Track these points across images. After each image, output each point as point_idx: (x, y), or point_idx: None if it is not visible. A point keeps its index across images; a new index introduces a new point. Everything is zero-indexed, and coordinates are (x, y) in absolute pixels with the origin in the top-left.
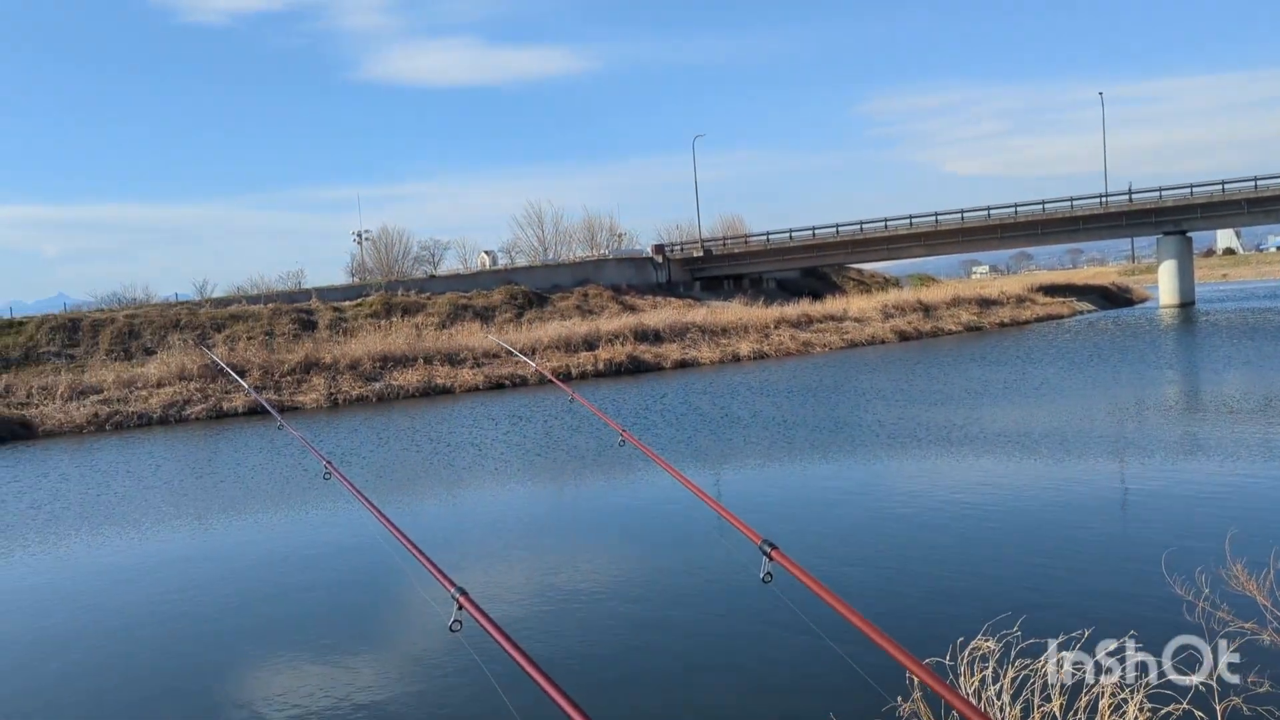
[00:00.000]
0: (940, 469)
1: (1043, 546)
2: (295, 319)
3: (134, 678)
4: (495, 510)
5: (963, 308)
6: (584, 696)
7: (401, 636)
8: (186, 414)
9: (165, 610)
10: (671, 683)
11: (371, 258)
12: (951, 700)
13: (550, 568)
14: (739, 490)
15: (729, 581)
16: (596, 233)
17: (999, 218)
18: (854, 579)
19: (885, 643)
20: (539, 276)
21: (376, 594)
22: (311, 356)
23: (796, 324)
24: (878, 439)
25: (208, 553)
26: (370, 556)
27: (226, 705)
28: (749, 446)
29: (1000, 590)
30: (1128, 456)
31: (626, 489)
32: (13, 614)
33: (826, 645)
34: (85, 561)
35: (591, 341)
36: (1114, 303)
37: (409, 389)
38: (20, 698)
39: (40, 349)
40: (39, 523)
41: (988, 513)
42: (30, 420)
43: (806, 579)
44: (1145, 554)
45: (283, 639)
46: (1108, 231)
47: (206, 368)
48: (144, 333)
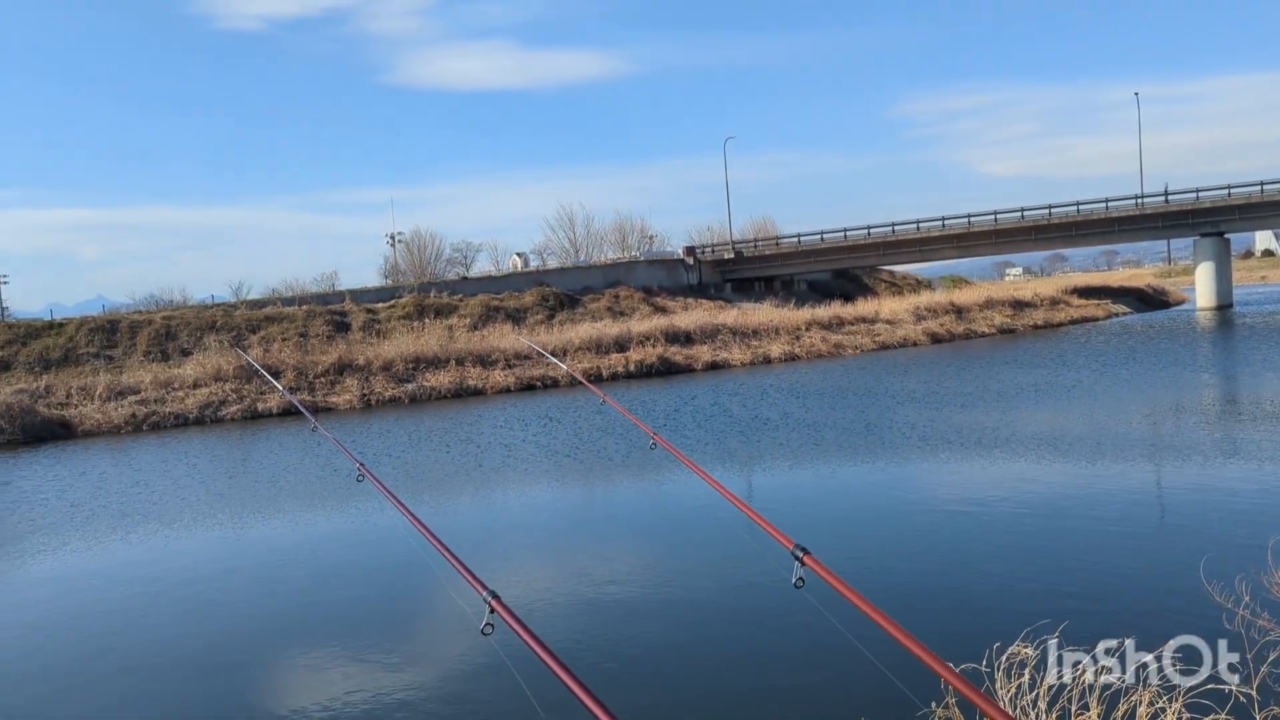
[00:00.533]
0: (974, 472)
1: (1079, 552)
2: (329, 320)
3: (165, 676)
4: (526, 513)
5: (996, 310)
6: (615, 701)
7: (433, 638)
8: (222, 415)
9: (198, 609)
10: (703, 687)
11: (404, 260)
12: (988, 710)
13: (581, 571)
14: (769, 494)
15: (760, 586)
16: (628, 234)
17: (1033, 219)
18: (885, 584)
19: (920, 650)
20: (570, 278)
21: (408, 596)
22: (345, 358)
23: (828, 326)
24: (909, 442)
25: (241, 553)
26: (402, 558)
27: (258, 705)
28: (779, 449)
29: (1036, 596)
30: (1164, 460)
31: (658, 492)
32: (50, 609)
33: (859, 651)
34: (122, 558)
35: (622, 343)
36: (1150, 305)
37: (441, 390)
38: (58, 694)
39: (80, 350)
40: (79, 520)
41: (1023, 517)
42: (70, 420)
43: (840, 585)
44: (1184, 560)
45: (314, 640)
46: (1144, 233)
47: (241, 369)
48: (180, 334)
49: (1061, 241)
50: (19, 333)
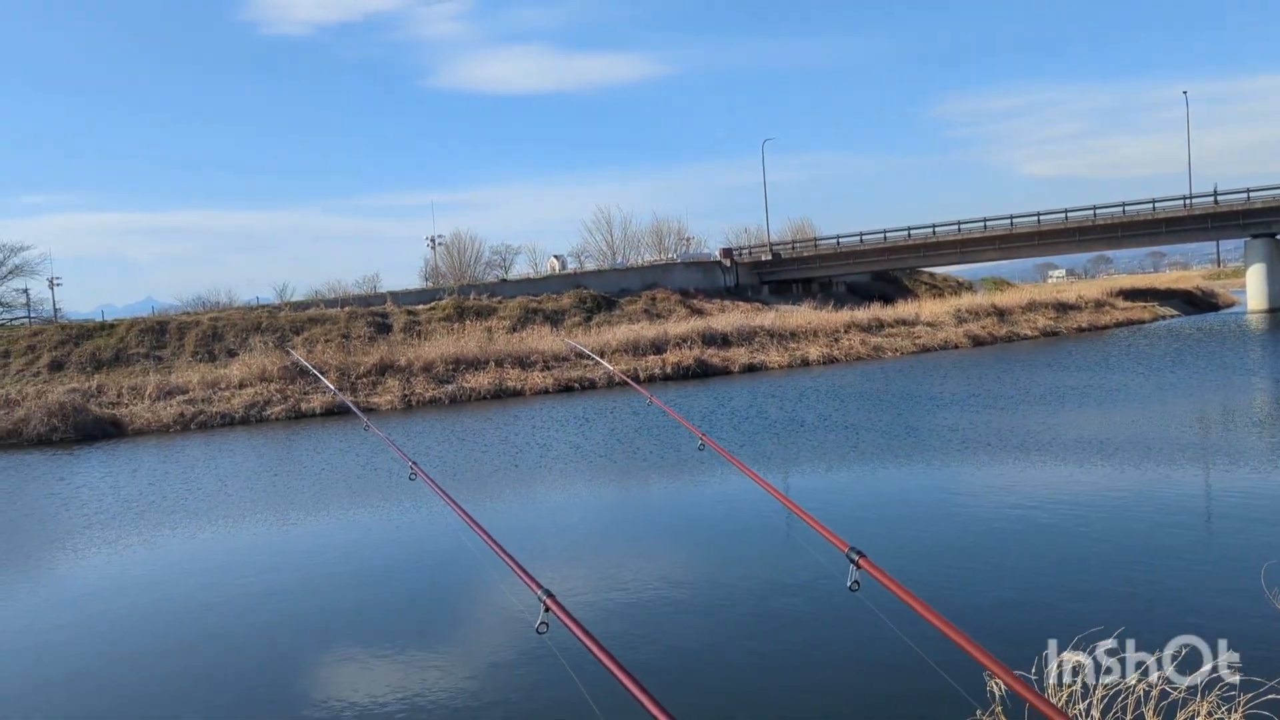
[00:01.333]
0: (1021, 476)
1: (1134, 557)
2: (371, 322)
3: (219, 670)
4: (575, 512)
5: (1039, 312)
6: (670, 701)
7: (487, 637)
8: (267, 414)
9: (252, 606)
10: (758, 688)
11: (444, 262)
12: (1049, 713)
13: (633, 571)
14: (816, 496)
15: (813, 587)
16: (664, 237)
17: (1077, 220)
18: (936, 588)
19: (979, 653)
20: (607, 280)
21: (461, 594)
22: (386, 359)
23: (867, 328)
24: (955, 445)
25: (293, 550)
26: (455, 557)
27: (310, 701)
28: (821, 452)
29: (1090, 601)
30: (1217, 465)
31: (707, 493)
32: (109, 603)
33: (915, 654)
34: (176, 554)
35: (659, 345)
36: (1198, 308)
37: (480, 391)
38: (114, 687)
39: (130, 350)
40: (133, 517)
41: (1073, 522)
42: (120, 419)
43: (897, 588)
44: (1241, 566)
45: (368, 637)
46: (1192, 234)
47: (285, 369)
48: (227, 335)
49: (1106, 243)
50: (72, 334)
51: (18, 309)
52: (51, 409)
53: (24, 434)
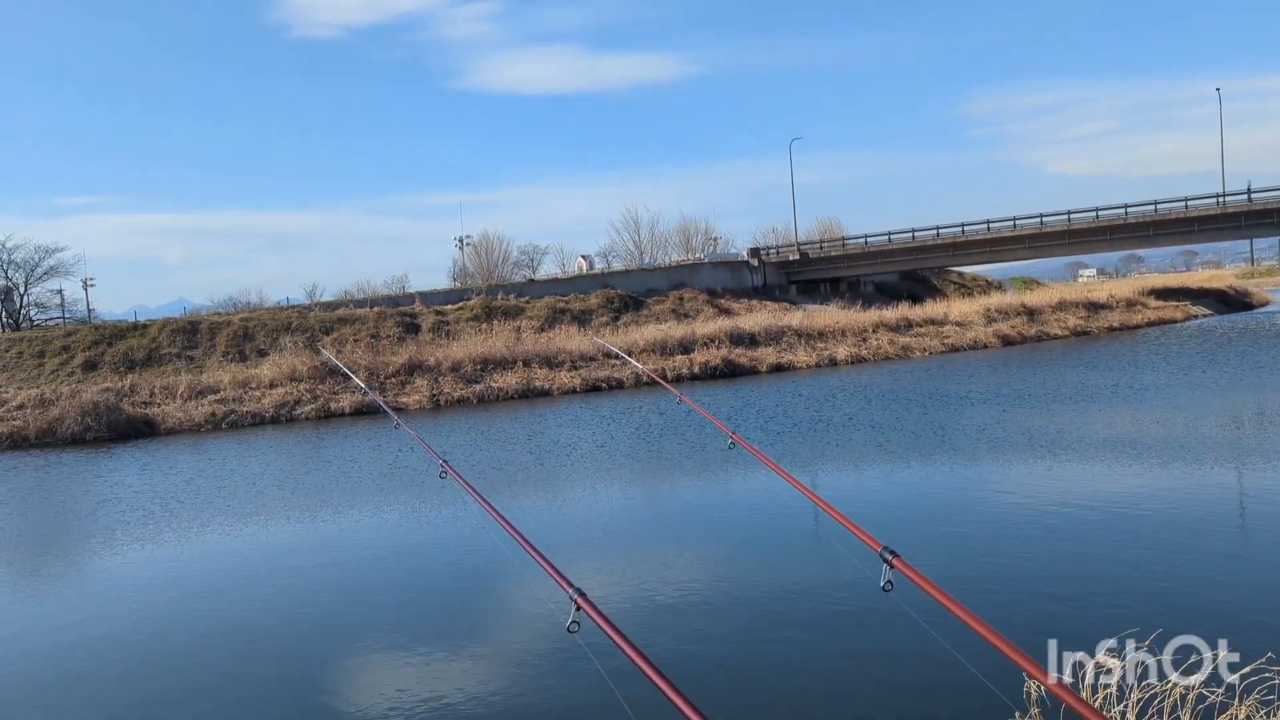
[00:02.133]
0: (1053, 476)
1: (1170, 558)
2: (399, 322)
3: (249, 666)
4: (604, 511)
5: (1069, 312)
6: (701, 700)
7: (518, 635)
8: (297, 414)
9: (282, 603)
10: (790, 688)
11: (472, 262)
12: (1090, 716)
13: (663, 570)
14: (846, 496)
15: (845, 586)
16: (692, 237)
17: (1108, 219)
18: (971, 588)
19: (1015, 654)
20: (635, 280)
21: (492, 592)
22: (415, 359)
23: (895, 328)
24: (985, 445)
25: (324, 548)
26: (485, 554)
27: (341, 698)
28: (851, 451)
29: (1125, 603)
30: (1252, 467)
31: (737, 492)
32: (148, 598)
33: (949, 653)
34: (211, 551)
35: (687, 345)
36: (1231, 307)
37: (508, 391)
38: (146, 681)
39: (162, 350)
40: (170, 514)
41: (1106, 522)
42: (153, 419)
43: (931, 588)
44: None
45: (399, 635)
46: (1225, 232)
47: (315, 369)
48: (257, 335)
49: (1138, 242)
50: (105, 334)
51: (52, 310)
52: (85, 408)
53: (59, 433)
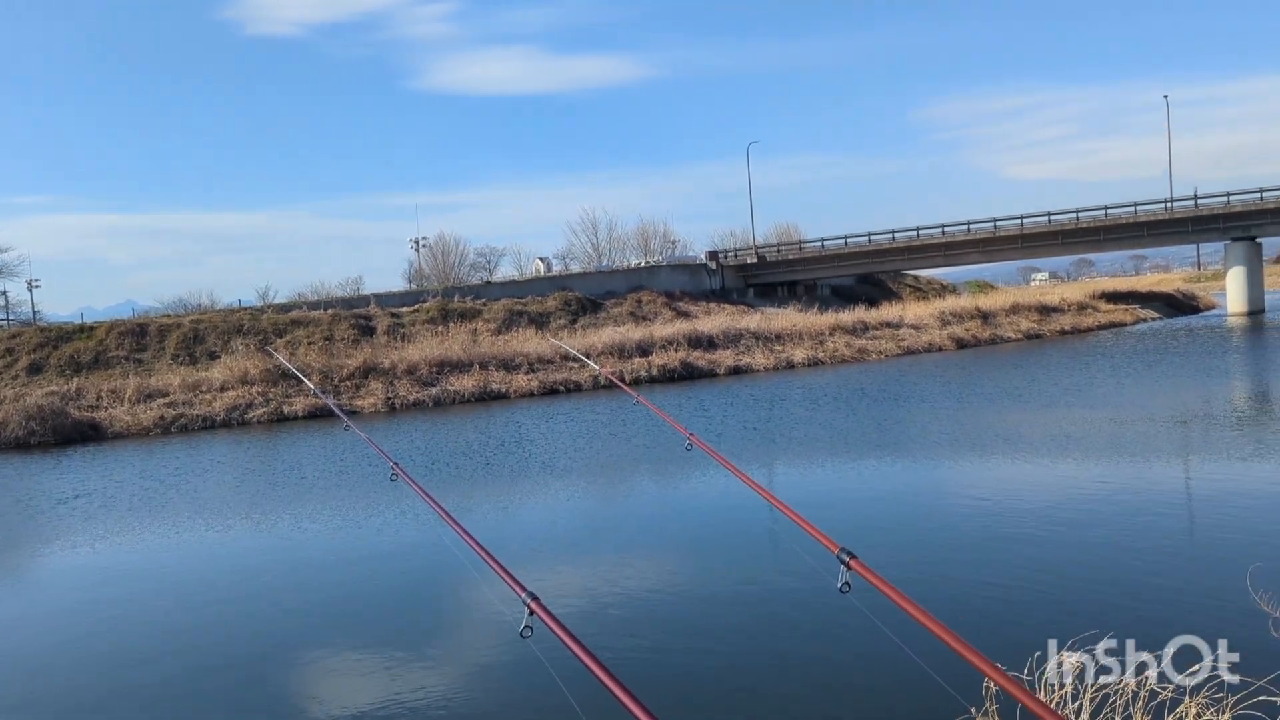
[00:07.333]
0: (1009, 476)
1: (1124, 556)
2: (354, 324)
3: (194, 678)
4: (560, 514)
5: (1022, 315)
6: (657, 704)
7: (470, 640)
8: (248, 417)
9: (229, 611)
10: (746, 691)
11: (429, 264)
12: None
13: (619, 574)
14: (803, 497)
15: (803, 589)
16: (650, 239)
17: (1060, 223)
18: (927, 589)
19: (971, 654)
20: (593, 283)
21: (444, 597)
22: (370, 362)
23: (852, 331)
24: (942, 445)
25: (272, 554)
26: (437, 559)
27: (290, 708)
28: (809, 453)
29: (1081, 600)
30: (1203, 467)
31: (694, 494)
32: (81, 609)
33: (905, 654)
34: (153, 560)
35: (645, 347)
36: (1179, 310)
37: (465, 394)
38: (88, 695)
39: (110, 353)
40: (112, 520)
41: (1060, 520)
42: (100, 422)
43: (889, 589)
44: (1228, 569)
45: (348, 641)
46: (1173, 237)
47: (268, 372)
48: (208, 337)
49: (1088, 246)
50: (50, 336)
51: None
52: (30, 412)
53: (2, 438)
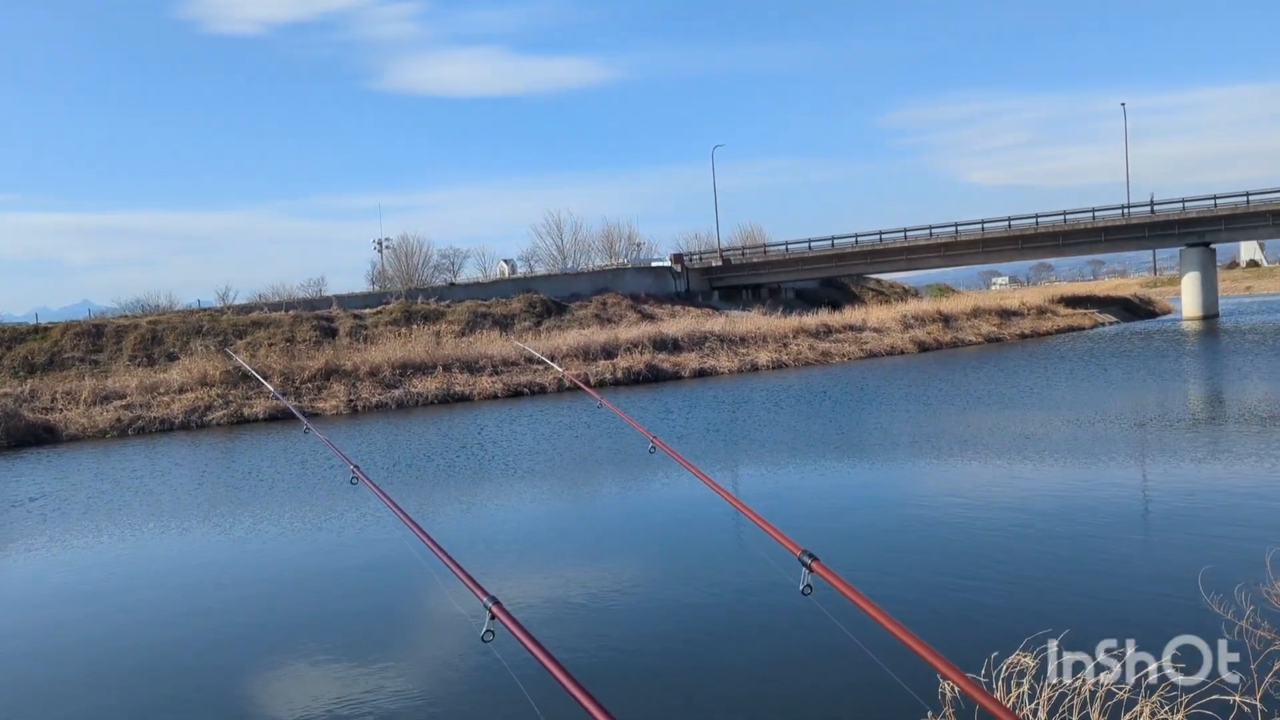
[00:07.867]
0: (971, 478)
1: (1080, 559)
2: (316, 326)
3: (151, 685)
4: (523, 518)
5: (983, 319)
6: (619, 708)
7: (431, 645)
8: (208, 420)
9: (185, 616)
10: (709, 694)
11: (392, 266)
12: (999, 714)
13: (581, 577)
14: (767, 499)
15: (764, 591)
16: (615, 242)
17: (1020, 228)
18: (889, 591)
19: (931, 655)
20: (558, 285)
21: (404, 601)
22: (332, 363)
23: (815, 334)
24: (904, 448)
25: (229, 558)
26: (398, 563)
27: (246, 715)
28: (772, 455)
29: (1040, 601)
30: (1159, 469)
31: (657, 497)
32: (30, 617)
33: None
34: (107, 563)
35: (610, 350)
36: (1136, 314)
37: (428, 396)
38: (26, 701)
39: (65, 354)
40: (65, 524)
41: (1021, 523)
42: (54, 425)
43: (850, 592)
44: (1181, 571)
45: (308, 647)
46: (1130, 243)
47: (228, 374)
48: (167, 339)
49: (1048, 251)
50: (4, 337)
51: None
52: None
53: None
